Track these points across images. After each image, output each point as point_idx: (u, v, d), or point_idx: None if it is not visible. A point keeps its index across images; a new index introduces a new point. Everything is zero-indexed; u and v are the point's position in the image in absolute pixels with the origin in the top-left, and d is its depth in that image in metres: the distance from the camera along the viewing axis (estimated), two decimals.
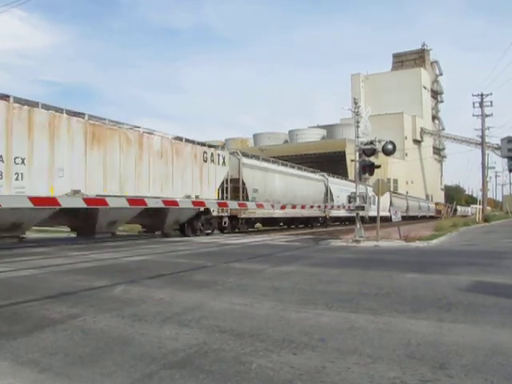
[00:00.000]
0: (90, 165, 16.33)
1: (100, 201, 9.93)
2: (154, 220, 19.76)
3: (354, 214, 19.74)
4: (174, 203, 12.76)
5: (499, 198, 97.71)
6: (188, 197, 19.40)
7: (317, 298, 6.44)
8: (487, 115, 52.75)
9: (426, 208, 76.42)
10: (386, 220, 25.93)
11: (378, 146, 18.41)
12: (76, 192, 14.68)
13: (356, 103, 19.81)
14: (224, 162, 23.83)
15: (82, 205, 8.20)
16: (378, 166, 19.30)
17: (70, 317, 5.28)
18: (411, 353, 3.92)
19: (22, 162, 13.99)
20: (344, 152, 61.10)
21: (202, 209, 20.84)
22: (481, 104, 52.56)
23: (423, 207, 74.34)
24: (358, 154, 18.91)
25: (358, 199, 18.73)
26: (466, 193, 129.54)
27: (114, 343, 4.26)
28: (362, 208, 18.62)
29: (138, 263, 10.85)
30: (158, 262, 11.35)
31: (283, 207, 20.42)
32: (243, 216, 25.50)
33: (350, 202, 19.26)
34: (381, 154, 19.13)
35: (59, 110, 15.52)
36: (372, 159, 18.92)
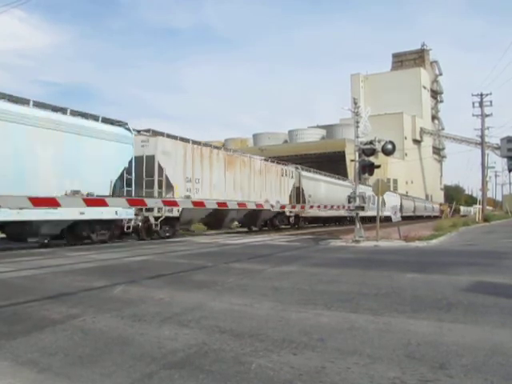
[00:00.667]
0: (227, 181, 24.13)
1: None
2: (251, 218, 27.41)
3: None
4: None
5: (499, 198, 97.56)
6: (266, 201, 24.61)
7: (317, 298, 6.44)
8: (487, 115, 52.66)
9: (431, 208, 78.23)
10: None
11: (378, 146, 18.40)
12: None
13: (355, 103, 19.80)
14: (292, 175, 31.94)
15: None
16: (378, 166, 19.29)
17: (70, 317, 5.27)
18: (411, 353, 3.92)
19: (198, 182, 21.76)
20: (344, 152, 61.04)
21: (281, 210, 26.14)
22: (480, 104, 52.48)
23: (428, 208, 76.20)
24: (357, 153, 18.90)
25: (357, 199, 18.69)
26: (466, 193, 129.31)
27: (114, 343, 4.26)
28: (362, 208, 18.58)
29: (138, 263, 10.85)
30: (158, 262, 11.35)
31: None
32: (303, 215, 32.41)
33: (349, 202, 19.17)
34: (380, 154, 19.12)
35: (209, 145, 24.10)
36: (372, 159, 18.90)
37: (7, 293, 6.95)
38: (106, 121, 17.19)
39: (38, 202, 6.16)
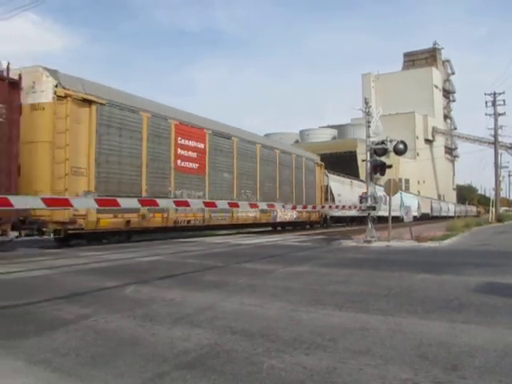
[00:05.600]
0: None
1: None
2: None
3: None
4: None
5: None
6: None
7: (328, 298, 6.43)
8: (500, 114, 52.34)
9: (447, 209, 76.85)
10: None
11: (390, 146, 18.30)
12: None
13: (367, 103, 19.72)
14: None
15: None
16: (390, 166, 19.19)
17: (82, 317, 5.30)
18: (423, 354, 3.90)
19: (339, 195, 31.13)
20: (355, 152, 60.78)
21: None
22: (493, 103, 52.16)
23: (443, 208, 75.16)
24: (369, 153, 18.81)
25: (369, 199, 18.62)
26: (479, 192, 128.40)
27: (126, 344, 4.28)
28: (374, 208, 18.51)
29: (149, 263, 10.88)
30: (170, 262, 11.37)
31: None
32: (332, 215, 35.01)
33: (361, 202, 19.12)
34: (392, 154, 19.01)
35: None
36: (383, 159, 18.79)
37: (20, 293, 6.99)
38: None
39: (49, 202, 6.14)
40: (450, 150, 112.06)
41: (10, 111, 13.46)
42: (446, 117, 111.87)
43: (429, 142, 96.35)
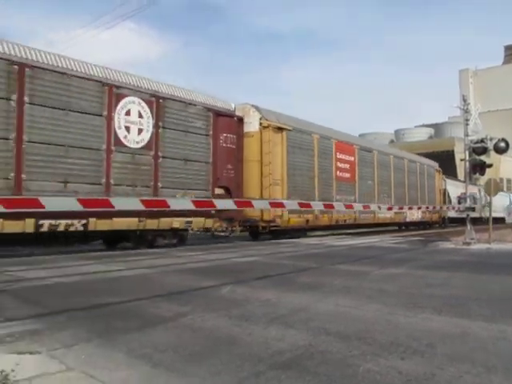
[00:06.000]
0: None
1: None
2: None
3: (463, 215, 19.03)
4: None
5: None
6: None
7: (425, 301, 6.24)
8: None
9: None
10: None
11: (490, 144, 17.57)
12: None
13: (465, 100, 19.05)
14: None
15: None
16: (490, 165, 18.44)
17: (180, 315, 5.45)
18: None
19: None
20: (453, 151, 58.73)
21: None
22: None
23: None
24: (467, 152, 18.17)
25: (468, 200, 17.97)
26: None
27: (222, 342, 4.35)
28: (473, 209, 17.84)
29: (245, 264, 11.03)
30: (265, 263, 11.47)
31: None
32: (448, 216, 35.96)
33: (459, 202, 18.52)
34: (492, 153, 18.23)
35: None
36: (483, 158, 18.09)
37: (121, 290, 7.30)
38: None
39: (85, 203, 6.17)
40: None
41: (238, 139, 18.38)
42: None
43: None
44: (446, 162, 58.54)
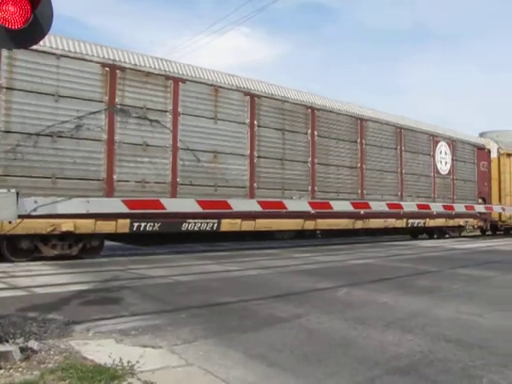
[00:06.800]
0: None
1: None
2: None
3: None
4: None
5: None
6: None
7: None
8: None
9: None
10: None
11: None
12: None
13: None
14: None
15: None
16: None
17: (295, 316, 5.49)
18: None
19: None
20: None
21: None
22: None
23: None
24: None
25: None
26: None
27: (337, 344, 4.33)
28: None
29: (360, 266, 10.90)
30: (381, 265, 11.26)
31: None
32: None
33: None
34: None
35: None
36: None
37: (237, 290, 7.45)
38: None
39: (130, 204, 6.30)
40: None
41: (488, 165, 25.14)
42: None
43: None
44: None
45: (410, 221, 19.68)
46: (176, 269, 9.89)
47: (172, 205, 6.21)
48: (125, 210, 5.05)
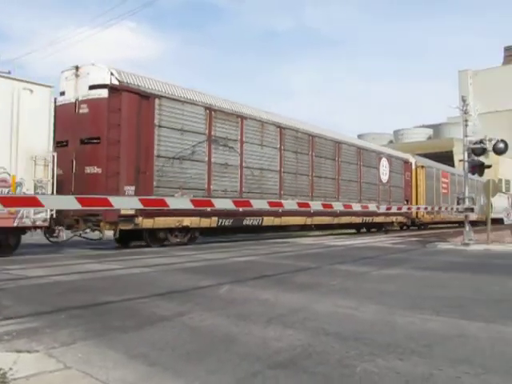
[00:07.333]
0: None
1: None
2: None
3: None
4: None
5: None
6: None
7: (424, 302, 6.24)
8: None
9: None
10: None
11: (489, 145, 17.56)
12: None
13: (464, 101, 19.07)
14: None
15: None
16: (489, 166, 18.47)
17: (178, 314, 5.45)
18: None
19: None
20: (452, 152, 58.65)
21: None
22: None
23: None
24: (466, 153, 18.19)
25: (466, 200, 17.96)
26: None
27: (220, 341, 4.35)
28: (472, 210, 17.84)
29: (243, 264, 11.03)
30: (263, 262, 11.46)
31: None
32: None
33: (458, 203, 18.50)
34: (491, 154, 18.21)
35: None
36: (482, 159, 18.10)
37: (120, 289, 7.30)
38: None
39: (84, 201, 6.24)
40: None
41: (411, 176, 30.98)
42: None
43: None
44: (445, 162, 58.54)
45: (365, 218, 25.38)
46: (56, 268, 9.48)
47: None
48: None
